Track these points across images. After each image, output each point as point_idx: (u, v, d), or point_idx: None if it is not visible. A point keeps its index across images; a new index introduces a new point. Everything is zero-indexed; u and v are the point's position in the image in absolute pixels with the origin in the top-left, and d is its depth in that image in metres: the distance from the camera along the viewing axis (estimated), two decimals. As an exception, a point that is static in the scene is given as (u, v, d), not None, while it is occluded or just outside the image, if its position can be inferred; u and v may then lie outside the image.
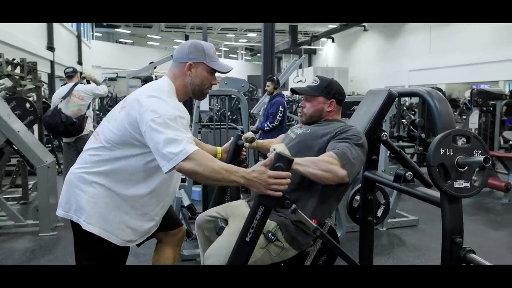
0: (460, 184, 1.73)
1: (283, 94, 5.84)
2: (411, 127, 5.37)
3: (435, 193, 1.89)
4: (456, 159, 1.73)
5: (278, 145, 1.79)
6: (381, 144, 2.14)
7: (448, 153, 1.74)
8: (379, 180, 2.37)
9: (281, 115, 5.42)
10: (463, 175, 1.73)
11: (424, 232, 4.06)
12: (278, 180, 1.51)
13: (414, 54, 20.92)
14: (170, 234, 2.05)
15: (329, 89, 2.02)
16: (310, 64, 29.68)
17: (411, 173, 2.09)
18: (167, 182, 1.79)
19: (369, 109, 2.05)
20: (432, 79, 19.14)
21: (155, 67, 7.65)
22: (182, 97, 1.81)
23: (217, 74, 1.88)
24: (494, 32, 16.02)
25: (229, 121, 5.53)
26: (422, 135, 5.88)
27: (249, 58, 37.78)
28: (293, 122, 7.87)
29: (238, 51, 36.17)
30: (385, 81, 20.75)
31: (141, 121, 1.58)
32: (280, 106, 5.40)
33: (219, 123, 5.12)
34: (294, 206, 1.59)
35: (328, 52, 30.75)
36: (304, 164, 1.69)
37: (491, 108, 5.54)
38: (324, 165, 1.69)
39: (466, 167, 1.72)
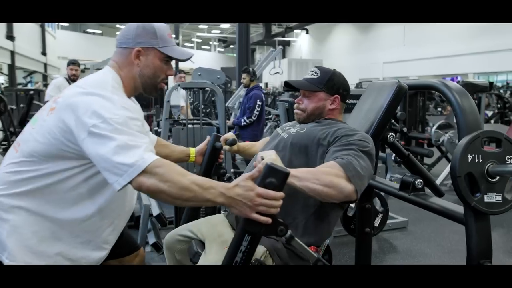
0: (491, 198, 1.42)
1: (261, 87, 5.48)
2: (393, 120, 5.13)
3: (456, 207, 1.57)
4: (486, 168, 1.42)
5: (268, 153, 1.41)
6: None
7: (476, 160, 1.42)
8: (379, 187, 2.05)
9: (259, 109, 5.06)
10: (494, 187, 1.42)
11: (414, 235, 3.80)
12: (268, 201, 1.14)
13: (388, 46, 20.91)
14: (125, 261, 1.66)
15: (332, 82, 1.66)
16: (284, 56, 29.40)
17: (421, 180, 1.78)
18: (119, 197, 1.40)
19: (373, 106, 1.71)
20: (406, 71, 19.18)
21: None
22: (131, 92, 1.45)
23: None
24: (467, 25, 16.09)
25: (202, 115, 5.13)
26: (404, 129, 5.70)
27: (222, 49, 37.14)
28: (270, 117, 7.52)
29: (211, 43, 35.47)
30: (360, 73, 20.64)
31: (79, 127, 1.19)
32: (258, 100, 5.04)
33: (192, 118, 4.73)
34: (289, 233, 1.23)
35: (302, 44, 30.56)
36: (302, 177, 1.33)
37: (477, 101, 5.35)
38: (327, 178, 1.34)
39: (498, 177, 1.42)
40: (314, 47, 29.05)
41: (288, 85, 1.75)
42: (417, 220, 4.07)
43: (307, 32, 28.76)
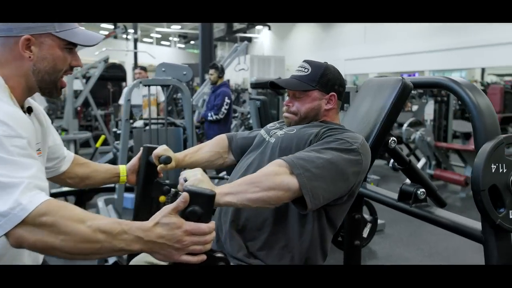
0: (516, 214, 1.24)
1: (229, 84, 5.21)
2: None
3: (471, 223, 1.38)
4: (511, 179, 1.23)
5: (192, 173, 1.15)
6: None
7: (501, 171, 1.23)
8: (371, 196, 1.85)
9: (227, 107, 4.80)
10: (519, 201, 1.24)
11: (392, 239, 3.67)
12: (201, 237, 0.90)
13: (349, 44, 21.09)
14: None
15: (325, 78, 1.41)
16: (246, 52, 29.15)
17: (423, 190, 1.59)
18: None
19: (374, 107, 1.49)
20: (367, 68, 19.40)
21: (76, 52, 6.60)
22: (23, 95, 1.11)
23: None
24: (426, 24, 16.42)
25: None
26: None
27: (183, 45, 36.41)
28: (236, 115, 7.25)
29: (171, 38, 34.68)
30: (322, 70, 20.70)
31: None
32: (226, 98, 4.78)
33: (155, 118, 4.40)
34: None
35: (264, 41, 30.42)
36: (237, 191, 1.10)
37: (446, 98, 5.31)
38: (267, 180, 1.12)
39: (523, 190, 1.23)
40: (276, 44, 29.00)
41: (274, 86, 1.49)
42: (393, 221, 3.95)
43: (269, 29, 28.66)
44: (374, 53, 19.44)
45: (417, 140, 5.05)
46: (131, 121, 3.64)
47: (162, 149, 1.42)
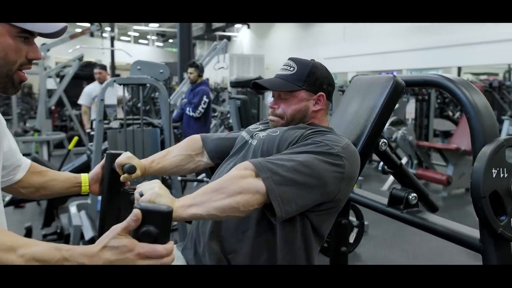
0: (518, 221, 1.16)
1: (208, 83, 5.08)
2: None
3: (468, 230, 1.30)
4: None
5: (147, 186, 1.02)
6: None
7: (501, 176, 1.14)
8: (358, 201, 1.76)
9: (205, 106, 4.65)
10: (521, 208, 1.16)
11: (376, 240, 3.62)
12: (154, 261, 0.78)
13: (329, 43, 21.14)
14: None
15: (313, 77, 1.30)
16: (225, 51, 28.98)
17: (415, 195, 1.51)
18: None
19: (363, 107, 1.39)
20: (346, 67, 19.47)
21: (48, 50, 6.36)
22: None
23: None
24: (404, 23, 16.58)
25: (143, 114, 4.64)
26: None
27: (161, 44, 35.94)
28: (215, 114, 7.11)
29: (149, 37, 34.18)
30: (301, 69, 20.71)
31: None
32: (205, 96, 4.64)
33: (130, 117, 4.24)
34: None
35: (244, 39, 30.28)
36: (202, 201, 0.99)
37: (427, 97, 5.30)
38: (233, 184, 1.01)
39: (524, 195, 1.15)
40: (256, 43, 28.90)
41: (257, 86, 1.37)
42: (376, 222, 3.89)
43: (249, 27, 28.54)
44: (353, 51, 19.55)
45: (398, 139, 5.02)
46: (106, 121, 3.48)
47: (125, 157, 1.30)
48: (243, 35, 30.44)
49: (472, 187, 1.12)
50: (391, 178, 5.10)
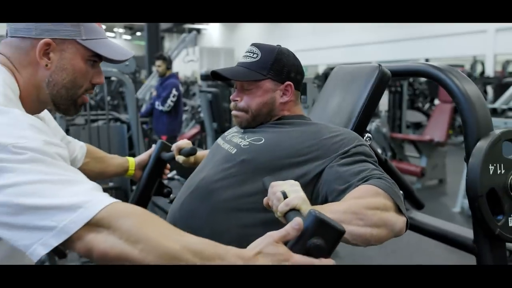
0: (515, 220, 1.08)
1: (177, 76, 4.89)
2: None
3: (461, 231, 1.22)
4: (510, 181, 1.07)
5: (288, 187, 0.86)
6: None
7: (499, 172, 1.06)
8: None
9: (174, 99, 4.46)
10: (518, 206, 1.08)
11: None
12: None
13: (299, 35, 21.13)
14: None
15: (279, 65, 1.15)
16: (195, 44, 28.61)
17: (401, 192, 1.41)
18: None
19: (347, 98, 1.29)
20: (316, 60, 19.52)
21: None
22: (31, 109, 0.90)
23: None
24: (373, 14, 16.72)
25: (109, 108, 4.43)
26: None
27: (129, 37, 35.10)
28: (186, 108, 6.92)
29: (115, 29, 33.32)
30: (272, 62, 20.66)
31: None
32: (174, 89, 4.45)
33: (95, 112, 4.03)
34: None
35: (213, 32, 29.99)
36: (341, 220, 0.83)
37: (399, 89, 5.29)
38: (375, 215, 0.89)
39: (521, 192, 1.08)
40: (225, 35, 28.66)
41: (216, 76, 1.21)
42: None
43: (218, 20, 28.31)
44: (323, 44, 19.63)
45: (373, 131, 4.99)
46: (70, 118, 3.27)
47: (185, 142, 1.36)
48: (212, 28, 30.15)
49: (468, 185, 1.03)
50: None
